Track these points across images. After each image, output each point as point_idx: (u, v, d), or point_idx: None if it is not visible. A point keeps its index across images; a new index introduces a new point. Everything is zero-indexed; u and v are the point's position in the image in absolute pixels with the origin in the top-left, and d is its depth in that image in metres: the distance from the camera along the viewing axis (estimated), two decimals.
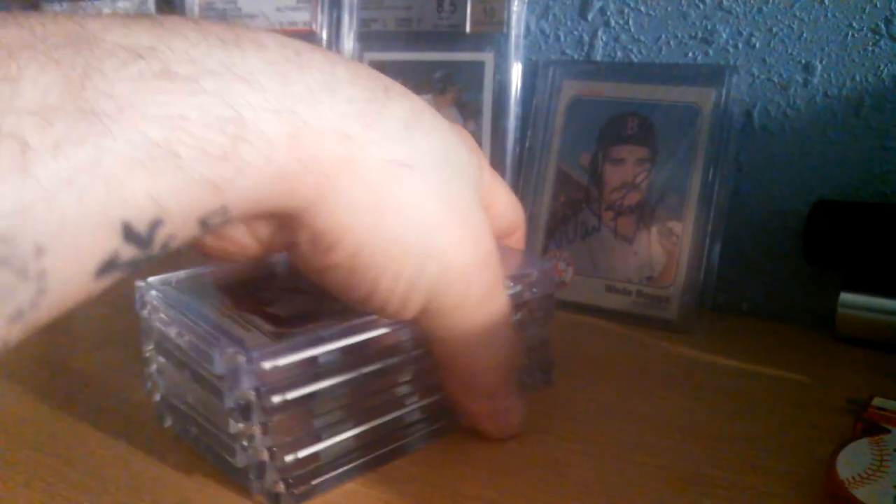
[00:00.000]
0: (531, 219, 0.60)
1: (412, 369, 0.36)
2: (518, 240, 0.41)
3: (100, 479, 0.35)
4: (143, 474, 0.35)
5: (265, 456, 0.32)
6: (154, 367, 0.37)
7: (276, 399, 0.31)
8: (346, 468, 0.34)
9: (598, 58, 0.61)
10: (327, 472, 0.34)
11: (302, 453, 0.33)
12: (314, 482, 0.33)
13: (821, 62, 0.53)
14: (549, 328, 0.43)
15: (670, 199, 0.55)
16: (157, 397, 0.38)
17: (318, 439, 0.33)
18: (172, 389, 0.37)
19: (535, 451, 0.37)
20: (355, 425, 0.34)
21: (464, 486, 0.34)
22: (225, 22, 0.28)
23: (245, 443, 0.32)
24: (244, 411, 0.31)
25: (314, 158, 0.26)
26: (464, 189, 0.31)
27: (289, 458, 0.32)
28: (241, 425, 0.32)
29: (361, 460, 0.35)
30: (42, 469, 0.36)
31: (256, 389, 0.30)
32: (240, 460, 0.32)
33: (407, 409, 0.37)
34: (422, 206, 0.29)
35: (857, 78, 0.52)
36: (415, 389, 0.37)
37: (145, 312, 0.37)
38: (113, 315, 0.51)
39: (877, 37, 0.51)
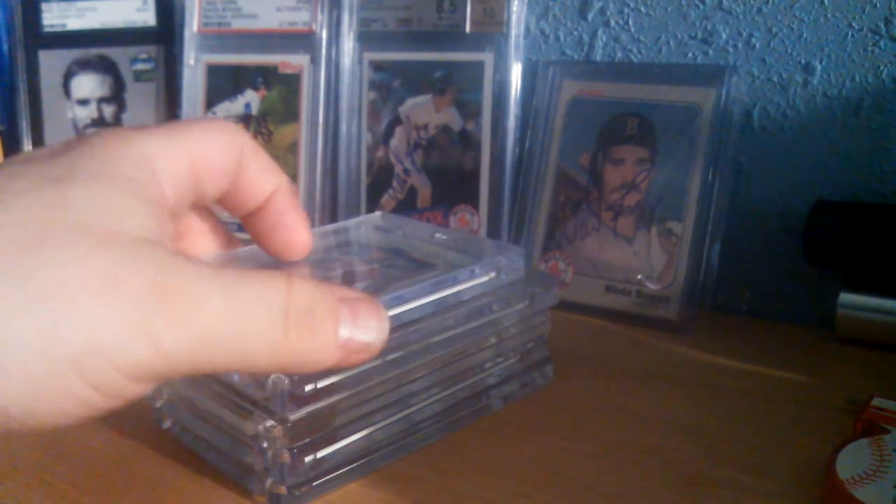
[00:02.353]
0: (531, 219, 0.60)
1: (433, 357, 0.37)
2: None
3: (100, 479, 0.35)
4: (143, 474, 0.35)
5: (286, 458, 0.32)
6: None
7: (308, 387, 0.31)
8: (347, 468, 0.34)
9: (598, 58, 0.61)
10: (329, 473, 0.34)
11: (320, 454, 0.33)
12: (315, 483, 0.33)
13: (821, 62, 0.53)
14: (544, 325, 0.43)
15: (670, 199, 0.55)
16: (158, 403, 0.38)
17: (335, 440, 0.33)
18: (176, 393, 0.37)
19: (535, 451, 0.37)
20: (370, 425, 0.35)
21: (464, 486, 0.34)
22: None
23: (265, 444, 0.32)
24: (278, 402, 0.31)
25: None
26: None
27: (308, 459, 0.32)
28: (261, 427, 0.32)
29: (364, 460, 0.35)
30: (42, 469, 0.36)
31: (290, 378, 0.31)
32: (257, 462, 0.32)
33: (422, 405, 0.37)
34: None
35: (857, 78, 0.52)
36: (433, 382, 0.37)
37: None
38: None
39: (877, 37, 0.51)
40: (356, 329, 0.27)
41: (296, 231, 0.34)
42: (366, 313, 0.27)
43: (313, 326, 0.25)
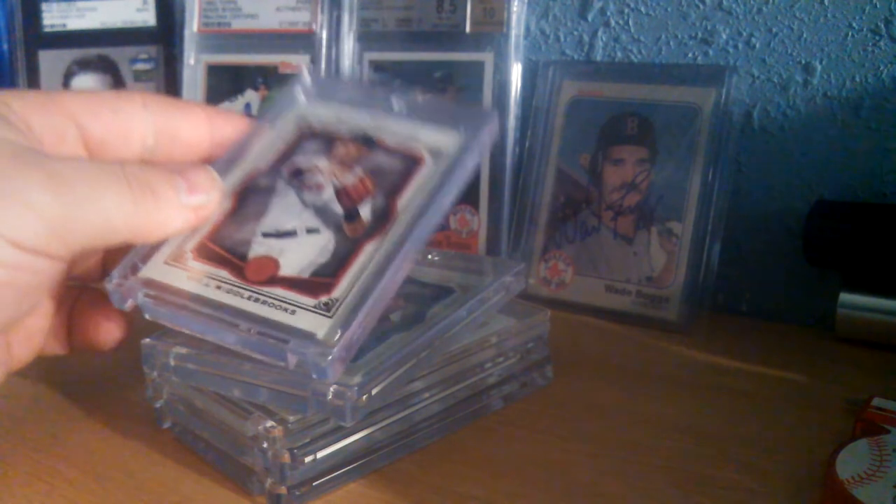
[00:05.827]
0: (531, 219, 0.60)
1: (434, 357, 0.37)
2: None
3: (100, 479, 0.35)
4: (143, 474, 0.35)
5: (286, 458, 0.32)
6: (156, 372, 0.37)
7: (308, 458, 0.32)
8: (347, 468, 0.34)
9: (598, 58, 0.61)
10: (329, 473, 0.34)
11: (320, 454, 0.33)
12: (315, 483, 0.33)
13: (821, 63, 0.53)
14: (544, 325, 0.43)
15: (670, 199, 0.55)
16: (158, 403, 0.38)
17: (335, 440, 0.33)
18: (176, 393, 0.37)
19: (535, 451, 0.37)
20: (370, 424, 0.35)
21: (464, 486, 0.34)
22: None
23: (265, 444, 0.32)
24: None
25: None
26: None
27: (308, 459, 0.32)
28: (261, 427, 0.32)
29: (364, 460, 0.35)
30: (42, 469, 0.36)
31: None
32: (257, 463, 0.32)
33: (422, 405, 0.37)
34: None
35: (857, 78, 0.52)
36: (433, 382, 0.37)
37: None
38: None
39: (877, 37, 0.51)
40: (193, 191, 0.32)
41: None
42: (195, 176, 0.32)
43: (156, 195, 0.31)
